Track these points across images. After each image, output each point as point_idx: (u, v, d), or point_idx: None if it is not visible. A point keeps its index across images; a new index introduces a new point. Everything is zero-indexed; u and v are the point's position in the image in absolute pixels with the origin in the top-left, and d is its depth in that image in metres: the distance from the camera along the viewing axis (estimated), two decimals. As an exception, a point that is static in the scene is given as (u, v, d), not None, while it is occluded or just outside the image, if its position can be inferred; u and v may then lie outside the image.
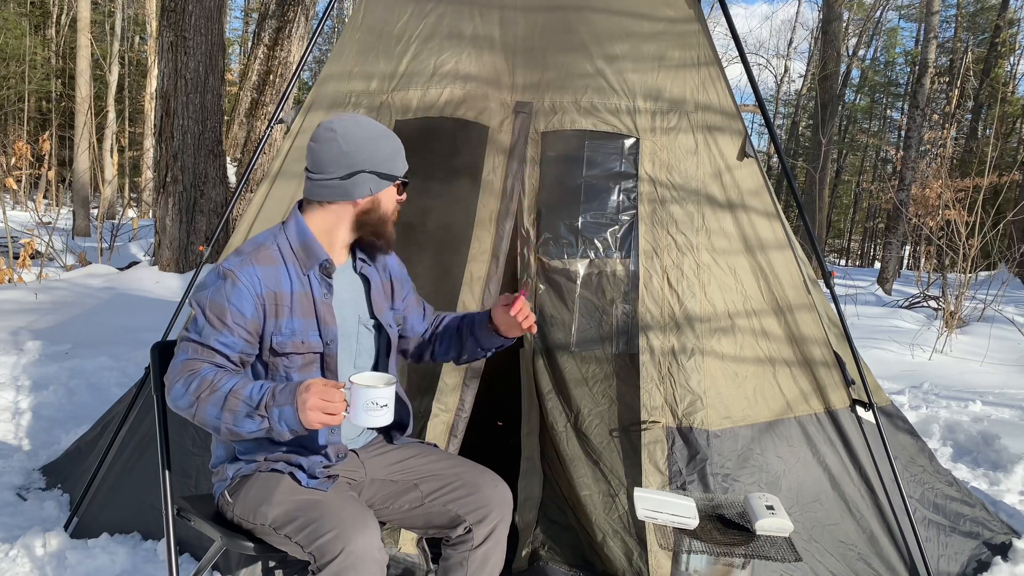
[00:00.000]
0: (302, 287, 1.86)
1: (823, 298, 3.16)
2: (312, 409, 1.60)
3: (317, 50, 24.84)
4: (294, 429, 1.65)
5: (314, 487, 1.81)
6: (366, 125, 1.88)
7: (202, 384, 1.69)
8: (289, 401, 1.64)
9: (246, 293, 1.77)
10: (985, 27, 23.14)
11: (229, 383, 1.69)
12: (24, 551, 2.64)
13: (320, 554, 1.66)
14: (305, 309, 1.85)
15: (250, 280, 1.78)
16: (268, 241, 1.87)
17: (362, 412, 1.65)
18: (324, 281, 1.88)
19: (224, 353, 1.76)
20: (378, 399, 1.65)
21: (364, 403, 1.65)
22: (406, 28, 3.00)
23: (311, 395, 1.61)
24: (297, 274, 1.86)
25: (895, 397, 5.25)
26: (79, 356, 4.98)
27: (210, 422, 1.69)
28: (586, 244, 2.72)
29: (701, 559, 1.98)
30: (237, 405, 1.66)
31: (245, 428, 1.67)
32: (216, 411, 1.67)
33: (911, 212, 12.39)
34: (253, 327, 1.79)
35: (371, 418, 1.66)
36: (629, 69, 2.86)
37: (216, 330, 1.75)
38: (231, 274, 1.78)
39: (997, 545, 2.98)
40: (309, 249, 1.87)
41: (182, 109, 7.66)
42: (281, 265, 1.84)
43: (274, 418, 1.64)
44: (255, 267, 1.80)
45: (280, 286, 1.82)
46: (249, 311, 1.77)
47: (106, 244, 10.08)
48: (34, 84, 22.55)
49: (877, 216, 26.39)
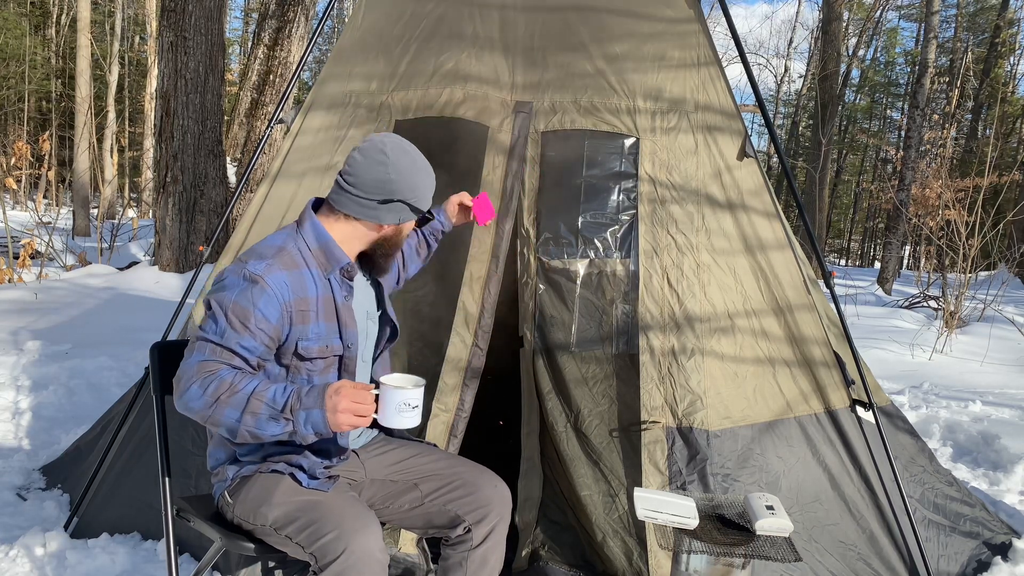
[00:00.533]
0: (326, 291, 1.85)
1: (823, 298, 3.16)
2: (343, 412, 1.60)
3: (317, 50, 24.84)
4: (320, 432, 1.64)
5: (315, 487, 1.81)
6: (414, 156, 1.87)
7: (220, 386, 1.66)
8: (317, 404, 1.62)
9: (274, 300, 1.74)
10: (985, 27, 23.14)
11: (250, 385, 1.66)
12: (24, 551, 2.64)
13: (321, 554, 1.66)
14: (328, 313, 1.84)
15: (279, 287, 1.75)
16: (288, 244, 1.83)
17: (394, 413, 1.66)
18: (345, 284, 1.89)
19: (244, 356, 1.72)
20: (410, 400, 1.66)
21: (396, 404, 1.65)
22: (406, 28, 3.00)
23: (342, 398, 1.60)
24: (319, 277, 1.85)
25: (895, 397, 5.25)
26: (79, 356, 4.98)
27: (229, 424, 1.66)
28: (586, 244, 2.72)
29: (701, 559, 1.98)
30: (260, 408, 1.64)
31: (268, 431, 1.65)
32: (237, 414, 1.64)
33: (911, 212, 12.39)
34: (275, 333, 1.76)
35: (403, 419, 1.66)
36: (629, 69, 2.86)
37: (238, 333, 1.71)
38: (260, 279, 1.73)
39: (997, 545, 2.97)
40: (329, 252, 1.85)
41: (182, 109, 7.67)
42: (305, 269, 1.82)
43: (300, 421, 1.63)
44: (283, 272, 1.77)
45: (306, 291, 1.81)
46: (274, 317, 1.74)
47: (106, 244, 10.08)
48: (34, 84, 22.55)
49: (877, 216, 26.38)
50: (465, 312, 2.64)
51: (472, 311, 2.65)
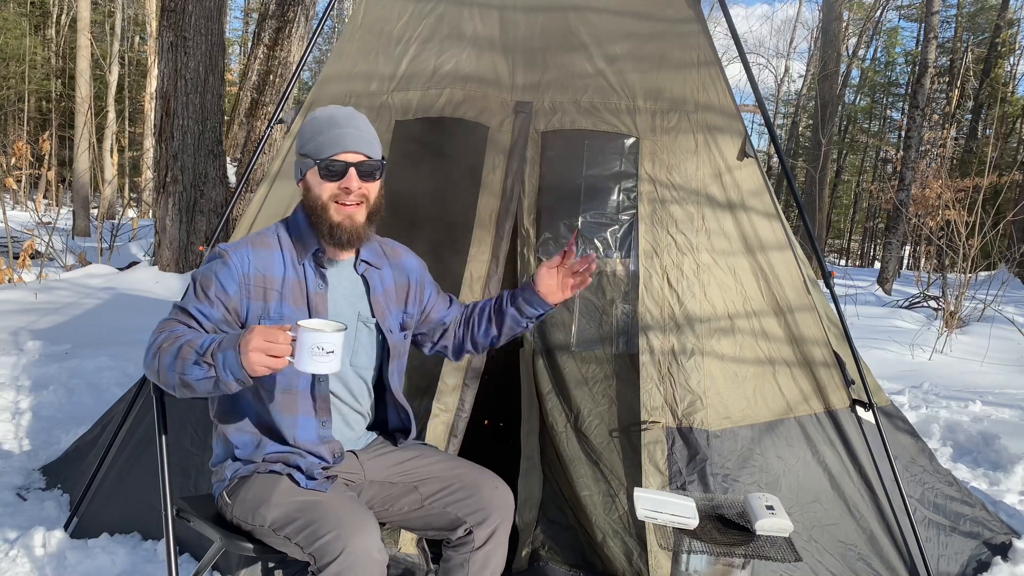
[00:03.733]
0: (295, 275, 1.87)
1: (823, 298, 3.16)
2: (254, 351, 1.56)
3: (317, 50, 24.84)
4: (239, 378, 1.60)
5: (313, 488, 1.81)
6: (331, 111, 1.89)
7: (167, 338, 1.72)
8: (232, 345, 1.60)
9: (234, 272, 1.82)
10: (985, 27, 23.14)
11: (188, 336, 1.71)
12: (24, 551, 2.64)
13: (320, 555, 1.66)
14: (296, 297, 1.86)
15: (240, 261, 1.83)
16: (269, 231, 1.93)
17: (308, 357, 1.58)
18: (318, 271, 1.89)
19: (198, 320, 1.79)
20: (324, 344, 1.58)
21: (310, 347, 1.58)
22: (406, 28, 3.00)
23: (254, 335, 1.57)
24: (292, 262, 1.88)
25: (895, 397, 5.25)
26: (79, 356, 4.98)
27: (167, 373, 1.68)
28: (586, 244, 2.72)
29: (701, 559, 1.98)
30: (189, 353, 1.65)
31: (193, 375, 1.64)
32: (171, 360, 1.67)
33: (911, 212, 12.39)
34: (233, 305, 1.82)
35: (316, 364, 1.59)
36: (629, 69, 2.86)
37: (198, 299, 1.80)
38: (225, 253, 1.84)
39: (997, 545, 2.97)
40: (303, 239, 1.89)
41: (182, 109, 7.66)
42: (276, 251, 1.88)
43: (219, 364, 1.61)
44: (249, 249, 1.85)
45: (271, 270, 1.86)
46: (232, 289, 1.81)
47: (106, 244, 10.08)
48: (34, 84, 22.56)
49: (877, 216, 26.39)
50: (465, 312, 2.64)
51: (472, 311, 2.64)
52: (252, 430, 1.89)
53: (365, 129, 1.88)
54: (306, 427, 1.87)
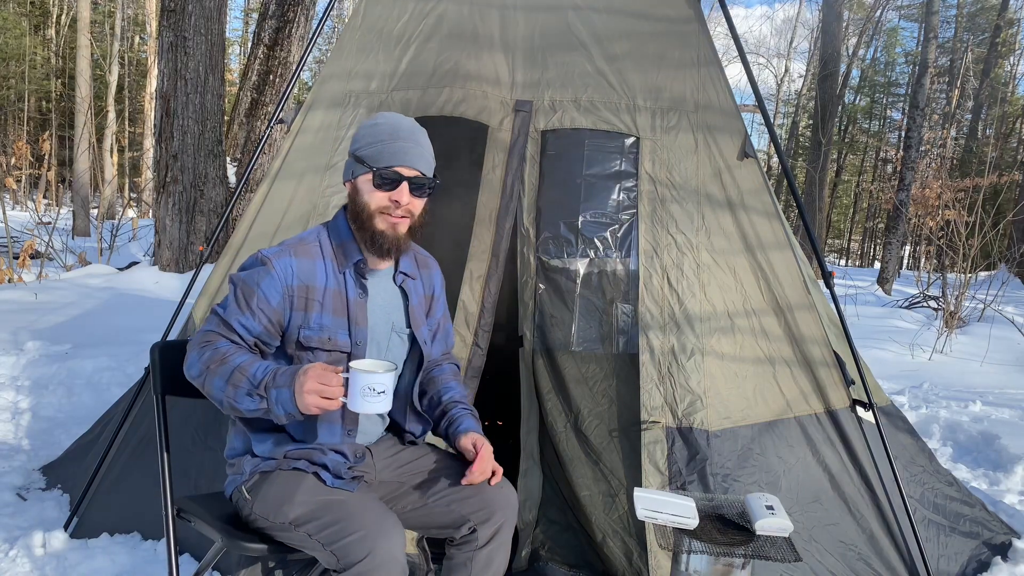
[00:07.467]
0: (336, 285, 1.87)
1: (823, 298, 3.16)
2: (309, 392, 1.61)
3: (317, 50, 24.84)
4: (290, 412, 1.66)
5: (340, 487, 1.81)
6: (395, 120, 1.88)
7: (214, 355, 1.73)
8: (287, 383, 1.65)
9: (277, 282, 1.80)
10: (985, 27, 23.14)
11: (239, 358, 1.72)
12: (24, 551, 2.64)
13: (343, 554, 1.65)
14: (337, 307, 1.86)
15: (284, 270, 1.81)
16: (311, 236, 1.91)
17: (359, 398, 1.64)
18: (359, 281, 1.89)
19: (240, 334, 1.79)
20: (376, 385, 1.64)
21: (362, 388, 1.63)
22: (406, 28, 3.00)
23: (308, 378, 1.62)
24: (333, 271, 1.88)
25: (895, 397, 5.25)
26: (79, 356, 4.97)
27: (216, 394, 1.72)
28: (586, 243, 2.72)
29: (701, 559, 1.97)
30: (241, 381, 1.69)
31: (244, 406, 1.69)
32: (222, 384, 1.70)
33: (911, 212, 12.39)
34: (276, 317, 1.81)
35: (368, 404, 1.64)
36: (629, 68, 2.86)
37: (240, 311, 1.79)
38: (268, 261, 1.81)
39: (997, 545, 2.97)
40: (346, 248, 1.89)
41: (182, 109, 7.66)
42: (319, 260, 1.87)
43: (272, 399, 1.66)
44: (292, 258, 1.83)
45: (314, 280, 1.85)
46: (275, 300, 1.80)
47: (106, 244, 10.07)
48: (34, 84, 22.57)
49: (877, 216, 26.39)
50: (465, 311, 2.64)
51: (472, 310, 2.65)
52: (273, 426, 1.89)
53: (425, 146, 1.90)
54: (331, 432, 1.88)
